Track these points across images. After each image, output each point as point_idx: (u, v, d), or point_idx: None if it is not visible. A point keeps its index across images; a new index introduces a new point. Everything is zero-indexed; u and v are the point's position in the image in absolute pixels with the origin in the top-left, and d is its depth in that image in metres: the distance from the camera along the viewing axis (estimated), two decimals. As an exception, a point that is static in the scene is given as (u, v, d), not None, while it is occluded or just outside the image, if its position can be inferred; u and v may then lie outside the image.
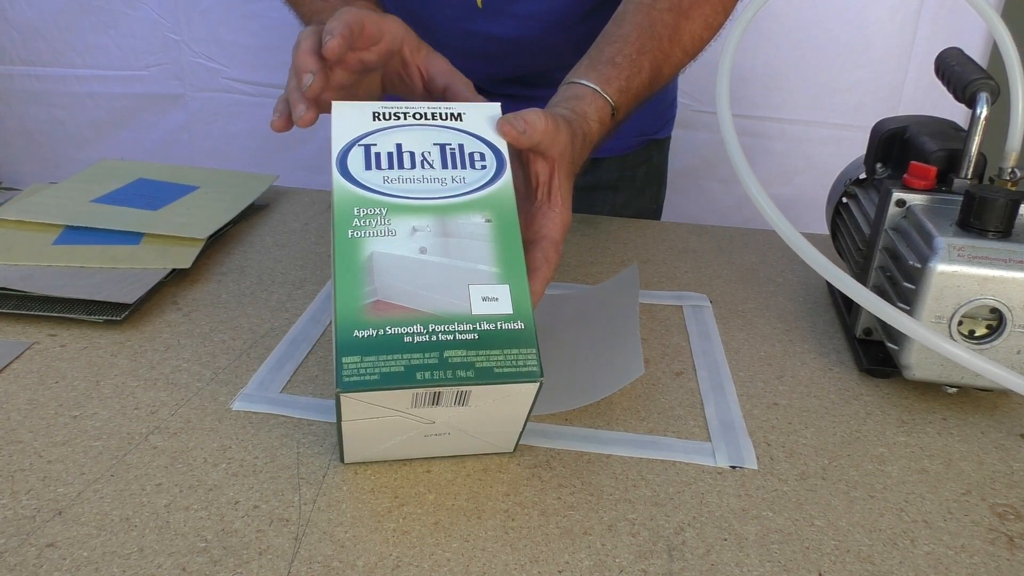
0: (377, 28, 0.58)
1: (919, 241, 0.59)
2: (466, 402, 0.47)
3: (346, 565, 0.44)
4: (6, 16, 1.66)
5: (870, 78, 1.52)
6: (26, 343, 0.63)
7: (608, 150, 0.98)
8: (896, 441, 0.58)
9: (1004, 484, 0.54)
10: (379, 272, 0.47)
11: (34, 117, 1.76)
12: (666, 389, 0.62)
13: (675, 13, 0.70)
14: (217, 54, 1.64)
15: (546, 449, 0.54)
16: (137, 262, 0.73)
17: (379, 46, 0.59)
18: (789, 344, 0.70)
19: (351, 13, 0.56)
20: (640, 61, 0.67)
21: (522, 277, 0.48)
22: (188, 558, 0.44)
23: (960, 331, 0.57)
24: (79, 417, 0.55)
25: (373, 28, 0.58)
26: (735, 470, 0.54)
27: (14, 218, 0.78)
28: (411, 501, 0.49)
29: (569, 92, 0.63)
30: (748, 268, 0.83)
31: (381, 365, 0.45)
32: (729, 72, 0.58)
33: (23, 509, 0.47)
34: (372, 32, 0.58)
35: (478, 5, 0.83)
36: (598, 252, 0.85)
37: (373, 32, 0.58)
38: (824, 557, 0.47)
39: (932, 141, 0.65)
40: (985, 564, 0.47)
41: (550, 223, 0.55)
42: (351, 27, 0.55)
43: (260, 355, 0.63)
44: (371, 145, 0.51)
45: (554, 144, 0.55)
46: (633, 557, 0.46)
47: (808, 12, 1.49)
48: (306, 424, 0.56)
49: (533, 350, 0.47)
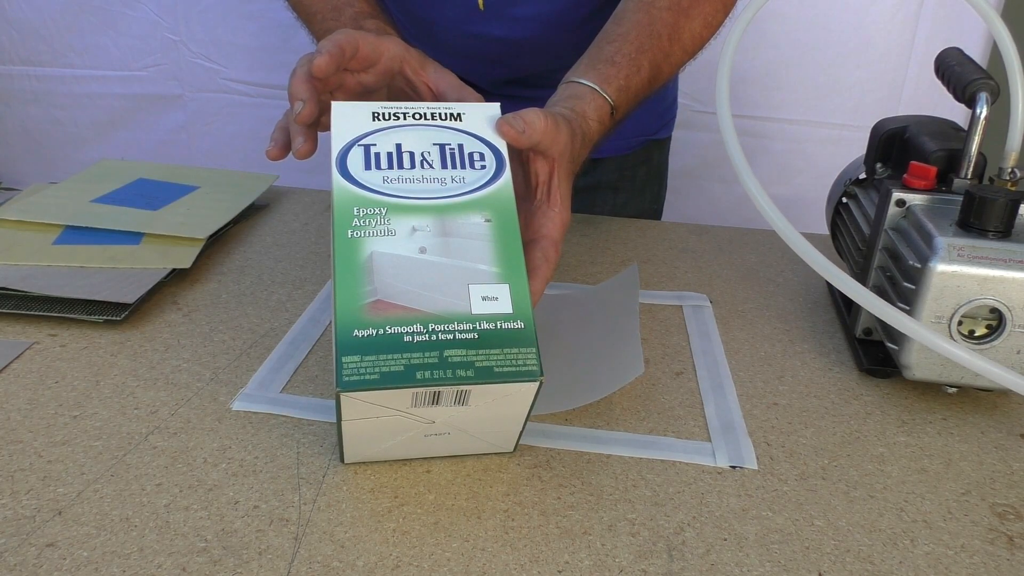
0: (373, 49, 0.58)
1: (919, 241, 0.59)
2: (466, 401, 0.47)
3: (346, 565, 0.44)
4: (5, 16, 1.66)
5: (870, 78, 1.52)
6: (26, 343, 0.63)
7: (608, 150, 0.98)
8: (896, 441, 0.58)
9: (1004, 484, 0.54)
10: (379, 272, 0.47)
11: (34, 117, 1.76)
12: (666, 389, 0.62)
13: (675, 12, 0.70)
14: (216, 55, 1.64)
15: (546, 449, 0.54)
16: (137, 262, 0.73)
17: (377, 67, 0.59)
18: (789, 344, 0.70)
19: (345, 34, 0.56)
20: (639, 60, 0.67)
21: (522, 277, 0.48)
22: (188, 558, 0.44)
23: (960, 331, 0.57)
24: (79, 417, 0.55)
25: (368, 49, 0.57)
26: (735, 470, 0.53)
27: (14, 218, 0.78)
28: (411, 501, 0.49)
29: (568, 91, 0.63)
30: (748, 268, 0.83)
31: (381, 364, 0.45)
32: (729, 72, 0.58)
33: (23, 509, 0.47)
34: (367, 53, 0.57)
35: (479, 7, 0.83)
36: (598, 252, 0.85)
37: (368, 53, 0.57)
38: (824, 557, 0.47)
39: (932, 141, 0.65)
40: (985, 564, 0.47)
41: (550, 222, 0.55)
42: (342, 47, 0.55)
43: (260, 355, 0.63)
44: (371, 145, 0.51)
45: (554, 143, 0.55)
46: (633, 557, 0.46)
47: (808, 12, 1.49)
48: (306, 424, 0.56)
49: (533, 349, 0.47)
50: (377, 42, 0.58)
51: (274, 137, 0.57)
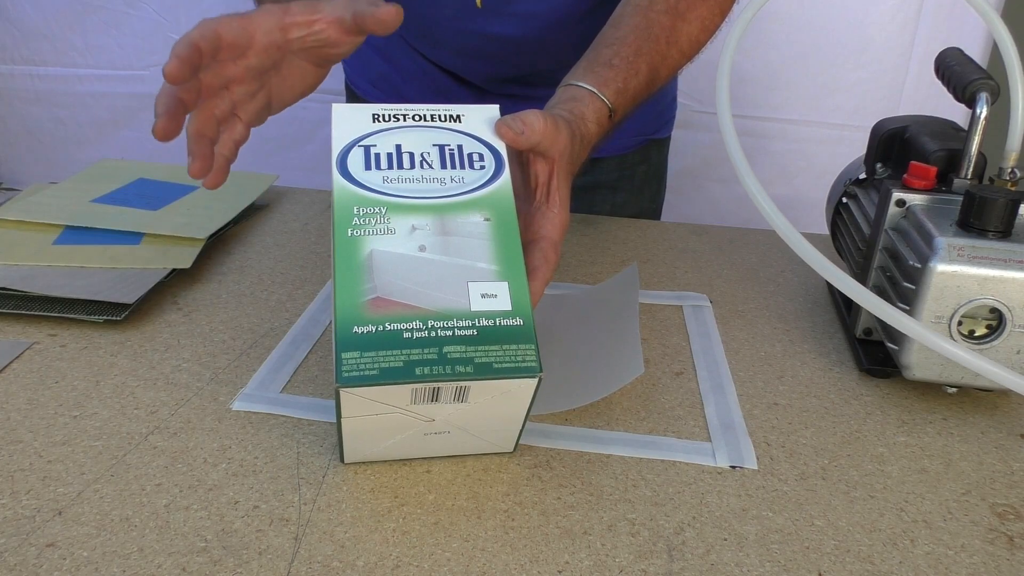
0: (241, 31, 0.55)
1: (919, 241, 0.59)
2: (465, 398, 0.47)
3: (346, 565, 0.44)
4: (8, 16, 1.66)
5: (870, 78, 1.52)
6: (26, 343, 0.63)
7: (607, 150, 0.98)
8: (896, 441, 0.57)
9: (1004, 484, 0.54)
10: (379, 269, 0.47)
11: (35, 117, 1.76)
12: (666, 389, 0.62)
13: (672, 15, 0.70)
14: (217, 54, 1.64)
15: (546, 449, 0.54)
16: (137, 262, 0.73)
17: (255, 47, 0.56)
18: (789, 344, 0.70)
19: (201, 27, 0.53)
20: (637, 63, 0.67)
21: (521, 275, 0.48)
22: (188, 558, 0.44)
23: (960, 331, 0.57)
24: (79, 417, 0.55)
25: (233, 34, 0.54)
26: (735, 470, 0.53)
27: (14, 218, 0.79)
28: (411, 501, 0.49)
29: (566, 94, 0.63)
30: (748, 268, 0.83)
31: (380, 360, 0.45)
32: (729, 72, 0.58)
33: (23, 509, 0.47)
34: (234, 39, 0.54)
35: (477, 4, 0.83)
36: (598, 252, 0.85)
37: (236, 38, 0.55)
38: (824, 557, 0.47)
39: (932, 141, 0.65)
40: (985, 564, 0.47)
41: (549, 223, 0.55)
42: (196, 45, 0.52)
43: (260, 355, 0.63)
44: (371, 146, 0.52)
45: (553, 145, 0.55)
46: (633, 557, 0.46)
47: (808, 12, 1.49)
48: (306, 424, 0.56)
49: (532, 346, 0.47)
50: (245, 23, 0.55)
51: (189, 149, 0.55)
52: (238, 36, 0.55)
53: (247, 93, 0.58)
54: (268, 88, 0.60)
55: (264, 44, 0.56)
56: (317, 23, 0.57)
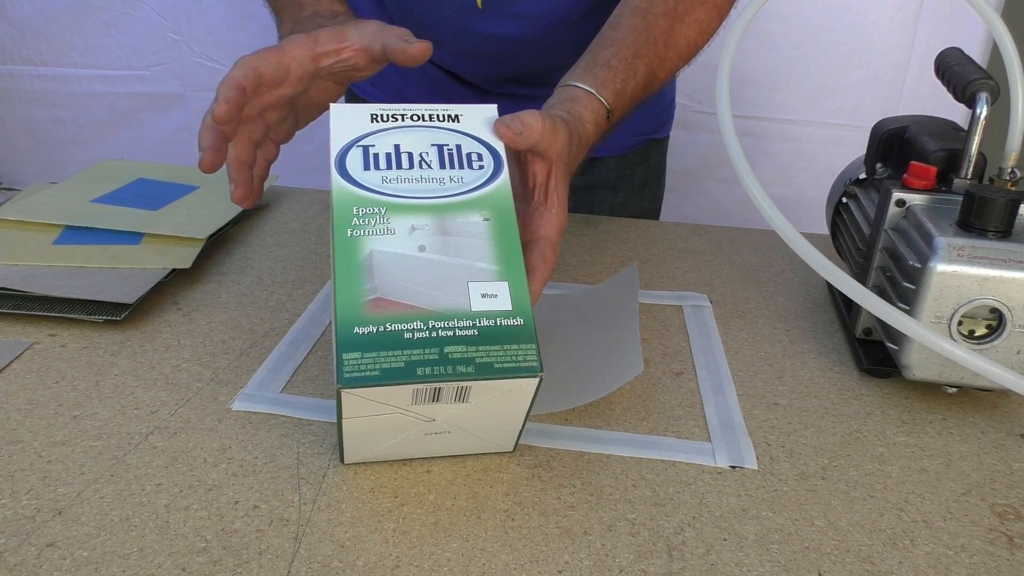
0: (277, 66, 0.56)
1: (919, 241, 0.59)
2: (466, 398, 0.47)
3: (346, 565, 0.44)
4: (7, 16, 1.67)
5: (870, 78, 1.52)
6: (26, 343, 0.63)
7: (607, 149, 0.98)
8: (896, 441, 0.58)
9: (1004, 484, 0.54)
10: (379, 270, 0.47)
11: (35, 117, 1.76)
12: (666, 389, 0.62)
13: (670, 18, 0.70)
14: (217, 54, 1.64)
15: (546, 449, 0.54)
16: (137, 262, 0.73)
17: (291, 78, 0.58)
18: (789, 344, 0.70)
19: (242, 67, 0.54)
20: (635, 65, 0.67)
21: (521, 274, 0.48)
22: (188, 558, 0.44)
23: (960, 331, 0.57)
24: (79, 417, 0.55)
25: (271, 69, 0.56)
26: (735, 470, 0.54)
27: (14, 218, 0.79)
28: (411, 501, 0.49)
29: (565, 95, 0.63)
30: (748, 268, 0.83)
31: (381, 361, 0.45)
32: (729, 72, 0.58)
33: (23, 509, 0.47)
34: (272, 74, 0.56)
35: (478, 5, 0.83)
36: (598, 252, 0.85)
37: (273, 73, 0.56)
38: (824, 557, 0.47)
39: (932, 141, 0.65)
40: (985, 564, 0.47)
41: (547, 224, 0.55)
42: (241, 87, 0.54)
43: (260, 355, 0.63)
44: (369, 146, 0.52)
45: (552, 145, 0.55)
46: (633, 557, 0.46)
47: (808, 12, 1.49)
48: (306, 424, 0.56)
49: (533, 346, 0.47)
50: (280, 56, 0.57)
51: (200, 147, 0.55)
52: (276, 71, 0.57)
53: (279, 118, 0.61)
54: (297, 110, 0.62)
55: (299, 75, 0.58)
56: (345, 51, 0.59)
